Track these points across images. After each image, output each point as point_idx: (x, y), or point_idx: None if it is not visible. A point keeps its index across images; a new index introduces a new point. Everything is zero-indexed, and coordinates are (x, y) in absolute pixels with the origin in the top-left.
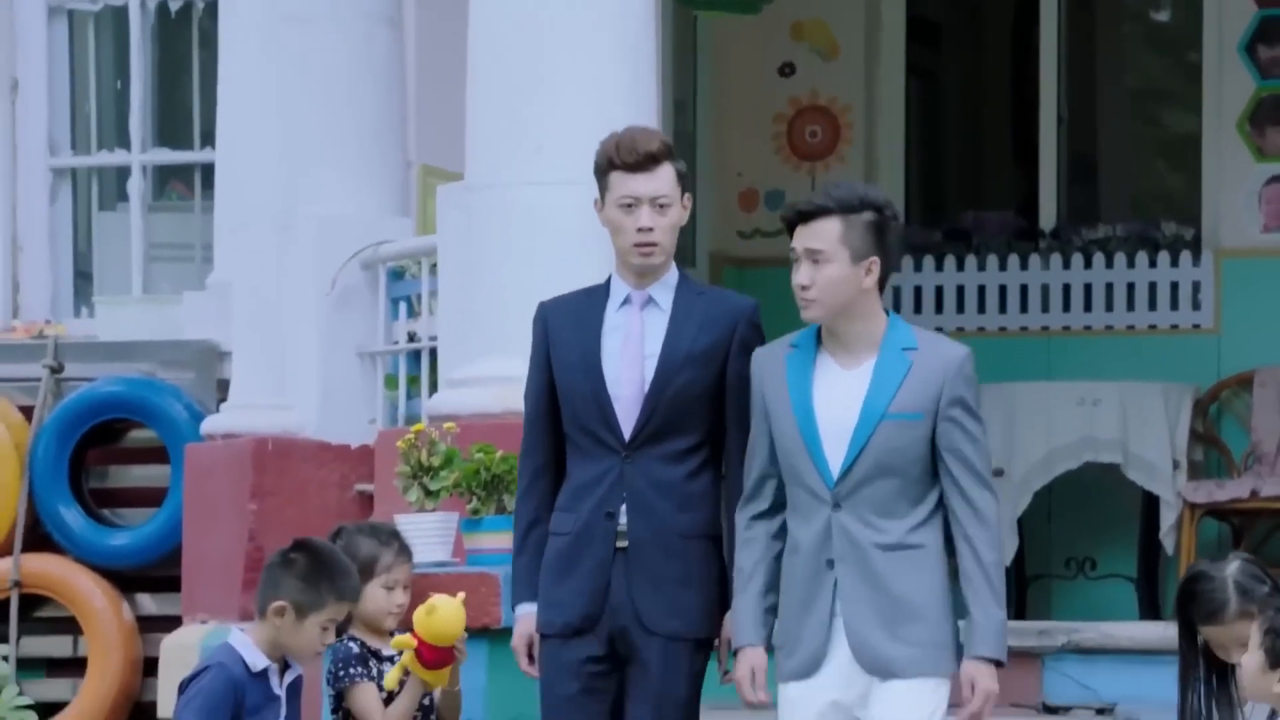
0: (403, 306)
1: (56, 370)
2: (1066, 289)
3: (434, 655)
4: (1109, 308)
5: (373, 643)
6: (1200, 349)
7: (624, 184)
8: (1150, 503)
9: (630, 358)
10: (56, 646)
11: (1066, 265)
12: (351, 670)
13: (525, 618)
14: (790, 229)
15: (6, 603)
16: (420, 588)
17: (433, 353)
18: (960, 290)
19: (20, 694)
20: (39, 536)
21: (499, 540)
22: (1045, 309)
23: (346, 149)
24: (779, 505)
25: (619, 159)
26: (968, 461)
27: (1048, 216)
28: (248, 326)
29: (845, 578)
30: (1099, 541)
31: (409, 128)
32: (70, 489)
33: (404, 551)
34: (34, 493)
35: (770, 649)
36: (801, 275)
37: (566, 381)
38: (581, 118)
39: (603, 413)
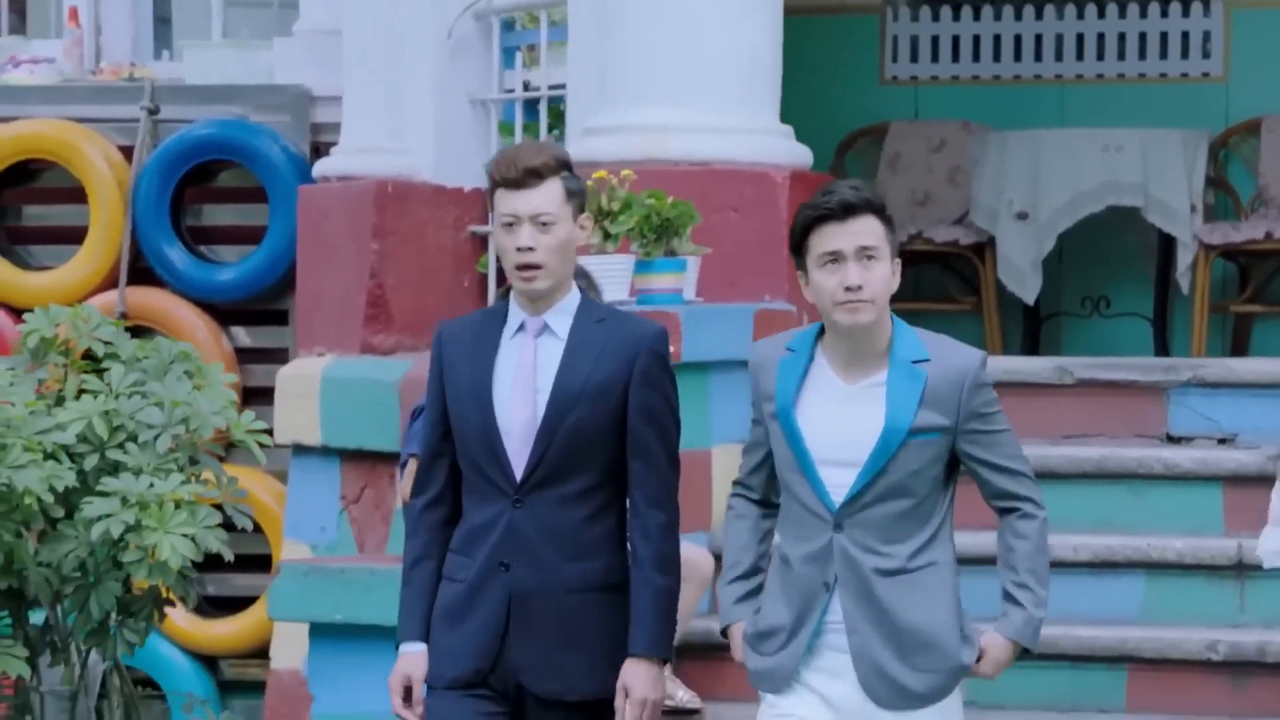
0: (517, 56)
1: (153, 112)
2: (1080, 38)
3: None
4: (1121, 56)
5: None
6: (1209, 97)
7: (505, 202)
8: (1165, 244)
9: (522, 392)
10: None
11: (1080, 15)
12: None
13: (406, 657)
14: (807, 231)
15: None
16: None
17: (550, 101)
18: (976, 39)
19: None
20: (139, 271)
21: (668, 280)
22: (1059, 58)
23: None
24: (773, 498)
25: (499, 175)
26: (995, 465)
27: None
28: (360, 73)
29: (849, 605)
30: (1112, 281)
31: None
32: (172, 226)
33: (593, 289)
34: (137, 229)
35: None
36: (853, 275)
37: (458, 414)
38: None
39: (493, 451)
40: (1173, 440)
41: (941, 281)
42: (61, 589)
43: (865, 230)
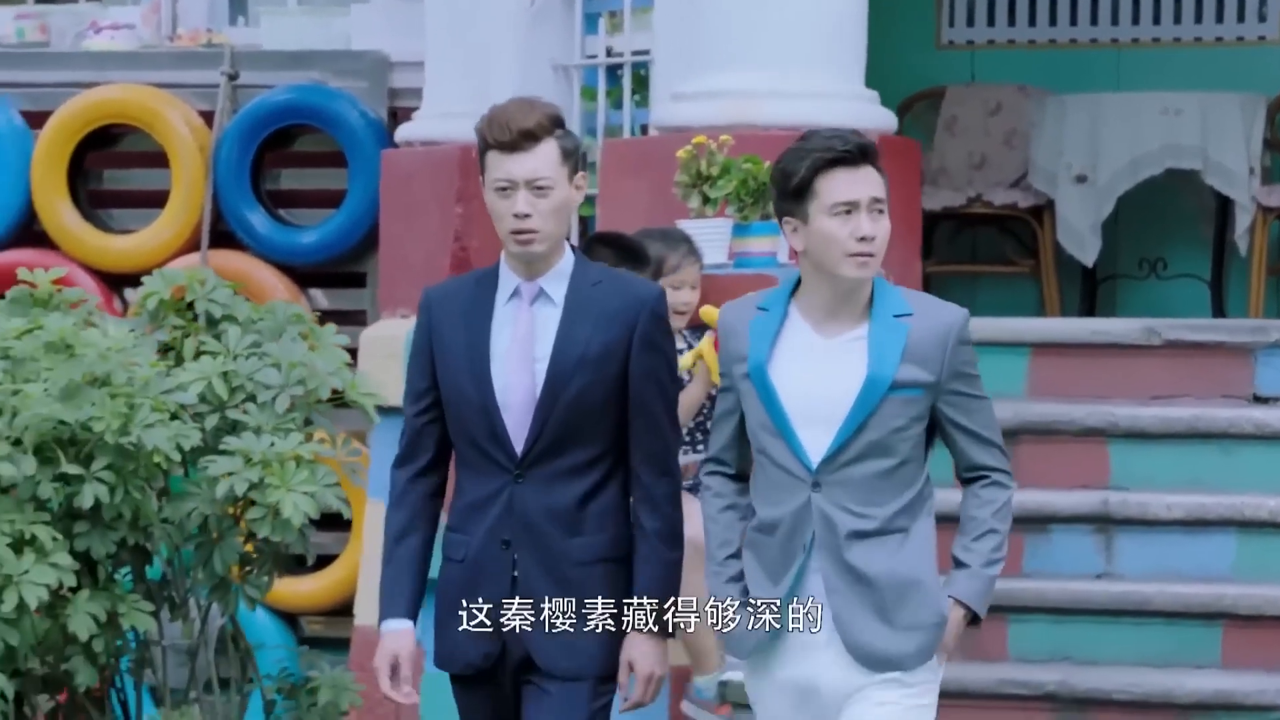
0: (600, 22)
1: (233, 77)
2: (1136, 2)
3: None
4: (1177, 20)
5: None
6: (1265, 60)
7: (499, 166)
8: (1222, 206)
9: (519, 361)
10: None
11: None
12: None
13: (391, 635)
14: (815, 173)
15: None
16: (702, 288)
17: (633, 67)
18: (1032, 3)
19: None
20: (219, 234)
21: (764, 244)
22: (1115, 21)
23: None
24: (747, 471)
25: (491, 138)
26: (973, 433)
27: None
28: (442, 39)
29: (827, 567)
30: (1168, 243)
31: None
32: (252, 191)
33: (692, 253)
34: (218, 193)
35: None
36: (866, 226)
37: (451, 386)
38: None
39: (490, 425)
40: (1260, 400)
41: (998, 244)
42: (182, 545)
43: (875, 181)
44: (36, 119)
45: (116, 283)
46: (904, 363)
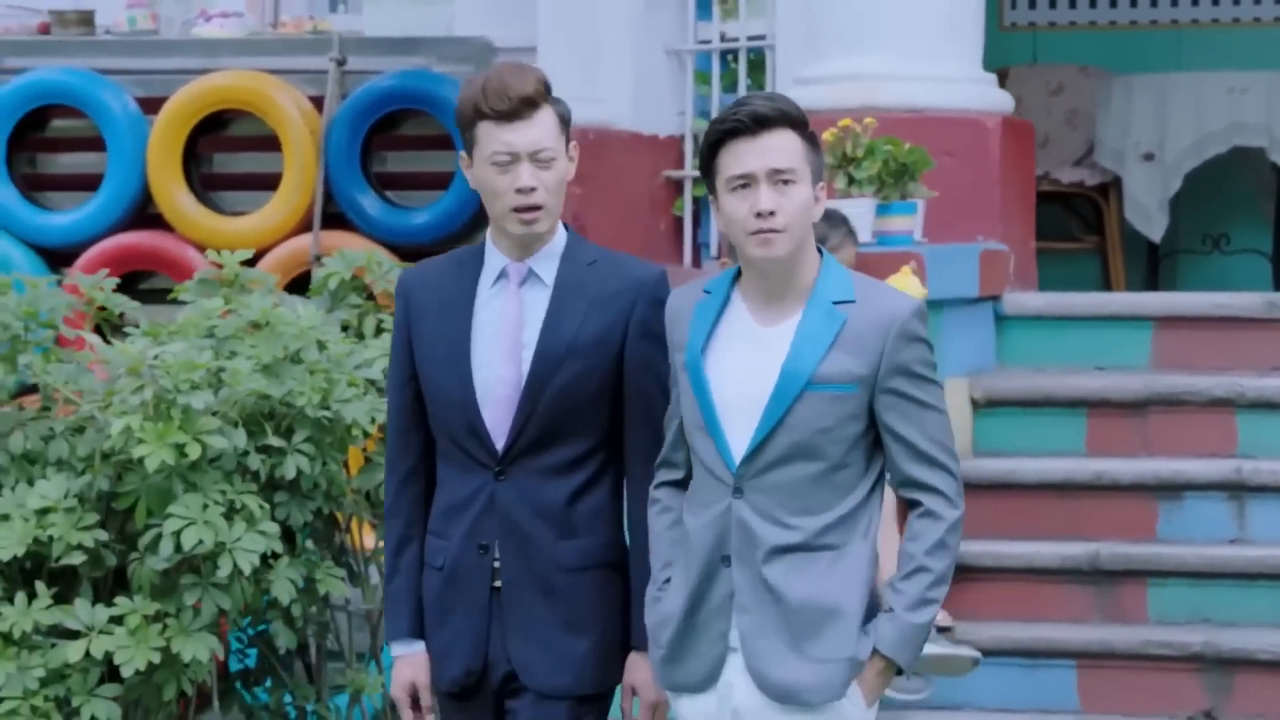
0: (714, 8)
1: (341, 63)
2: None
3: None
4: (1236, 0)
5: None
6: None
7: (495, 137)
8: None
9: (504, 350)
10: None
11: None
12: None
13: (404, 659)
14: (715, 148)
15: (307, 275)
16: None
17: (749, 51)
18: None
19: None
20: (329, 216)
21: (902, 223)
22: (1175, 3)
23: None
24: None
25: (487, 106)
26: (909, 443)
27: None
28: (554, 25)
29: (743, 582)
30: (1230, 218)
31: None
32: (363, 174)
33: (850, 234)
34: (328, 176)
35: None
36: (765, 199)
37: (430, 379)
38: None
39: (469, 421)
40: None
41: (1060, 221)
42: (370, 516)
43: (780, 147)
44: (149, 105)
45: None
46: (834, 352)
